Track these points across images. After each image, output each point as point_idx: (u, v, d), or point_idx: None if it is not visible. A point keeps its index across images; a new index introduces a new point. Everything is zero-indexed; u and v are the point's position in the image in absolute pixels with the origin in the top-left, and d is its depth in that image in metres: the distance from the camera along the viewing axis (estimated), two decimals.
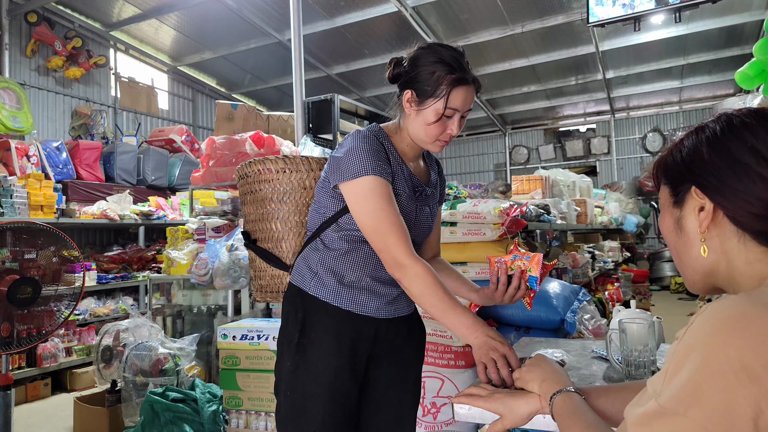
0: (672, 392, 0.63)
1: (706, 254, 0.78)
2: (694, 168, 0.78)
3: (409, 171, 1.43)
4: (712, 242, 0.77)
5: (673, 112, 10.79)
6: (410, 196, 1.41)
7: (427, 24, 7.09)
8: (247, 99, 9.74)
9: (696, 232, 0.78)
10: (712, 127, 0.79)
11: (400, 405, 1.51)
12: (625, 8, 4.88)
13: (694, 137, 0.80)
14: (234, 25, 7.16)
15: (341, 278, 1.39)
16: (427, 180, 1.51)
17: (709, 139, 0.78)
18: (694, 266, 0.81)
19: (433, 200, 1.52)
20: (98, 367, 3.59)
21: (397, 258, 1.29)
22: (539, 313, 2.40)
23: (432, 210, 1.52)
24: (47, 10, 6.59)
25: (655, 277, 9.93)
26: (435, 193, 1.54)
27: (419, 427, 2.40)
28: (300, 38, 4.37)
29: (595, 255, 5.44)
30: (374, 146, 1.36)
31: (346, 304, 1.39)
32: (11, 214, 4.39)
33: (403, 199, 1.39)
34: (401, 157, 1.43)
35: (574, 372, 1.49)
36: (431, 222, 1.52)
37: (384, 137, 1.42)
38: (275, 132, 4.71)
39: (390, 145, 1.42)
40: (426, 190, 1.47)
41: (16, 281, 2.43)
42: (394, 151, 1.42)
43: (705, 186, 0.76)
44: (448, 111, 1.33)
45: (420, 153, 1.49)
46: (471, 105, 1.39)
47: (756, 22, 7.04)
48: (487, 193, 8.91)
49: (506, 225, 2.53)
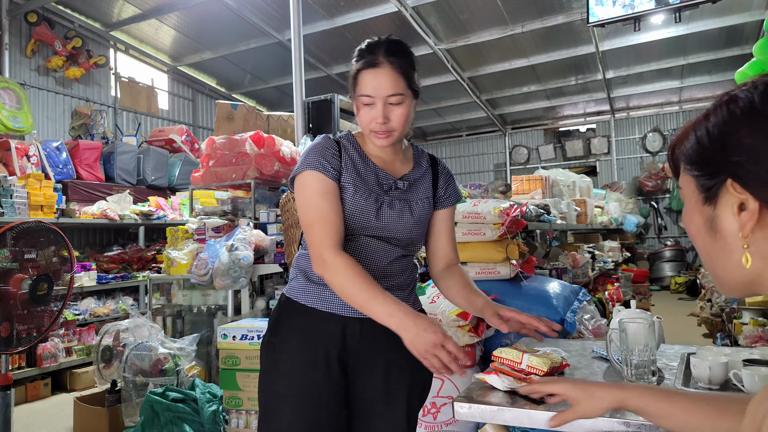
0: None
1: (749, 264, 0.61)
2: (728, 154, 0.60)
3: (375, 166, 1.41)
4: (758, 246, 0.60)
5: (673, 112, 10.79)
6: (371, 191, 1.37)
7: (427, 24, 7.09)
8: (247, 99, 9.74)
9: (736, 236, 0.61)
10: (746, 97, 0.60)
11: (390, 418, 1.39)
12: (625, 8, 4.88)
13: (723, 112, 0.61)
14: (234, 25, 7.16)
15: (308, 275, 1.39)
16: (401, 174, 1.45)
17: (745, 113, 0.59)
18: (733, 275, 0.64)
19: (415, 195, 1.44)
20: (98, 367, 3.59)
21: (320, 253, 1.28)
22: (539, 313, 2.40)
23: (419, 207, 1.44)
24: (47, 10, 6.59)
25: (655, 277, 9.93)
26: (419, 189, 1.46)
27: (419, 427, 2.40)
28: (300, 38, 4.37)
29: (595, 255, 5.44)
30: (322, 145, 1.38)
31: (313, 301, 1.37)
32: (11, 214, 4.39)
33: (358, 194, 1.35)
34: (367, 154, 1.42)
35: (575, 372, 1.49)
36: (414, 219, 1.42)
37: (349, 139, 1.44)
38: (275, 132, 4.71)
39: (355, 146, 1.42)
40: (397, 183, 1.41)
41: (37, 277, 2.43)
42: (359, 148, 1.43)
43: (745, 178, 0.59)
44: (363, 98, 1.34)
45: (394, 150, 1.45)
46: (393, 89, 1.31)
47: (756, 22, 7.04)
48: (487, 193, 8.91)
49: (506, 225, 2.53)
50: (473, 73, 8.87)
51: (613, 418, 1.14)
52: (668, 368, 1.47)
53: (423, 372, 1.39)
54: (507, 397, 1.31)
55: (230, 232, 3.60)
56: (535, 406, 1.24)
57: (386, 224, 1.38)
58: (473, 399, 1.31)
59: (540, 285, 2.56)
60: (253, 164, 3.97)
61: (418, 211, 1.44)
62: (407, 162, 1.48)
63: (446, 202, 1.53)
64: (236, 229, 3.57)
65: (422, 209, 1.45)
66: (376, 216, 1.36)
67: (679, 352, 1.59)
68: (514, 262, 2.62)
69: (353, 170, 1.38)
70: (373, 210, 1.36)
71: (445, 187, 1.52)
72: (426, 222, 1.48)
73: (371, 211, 1.36)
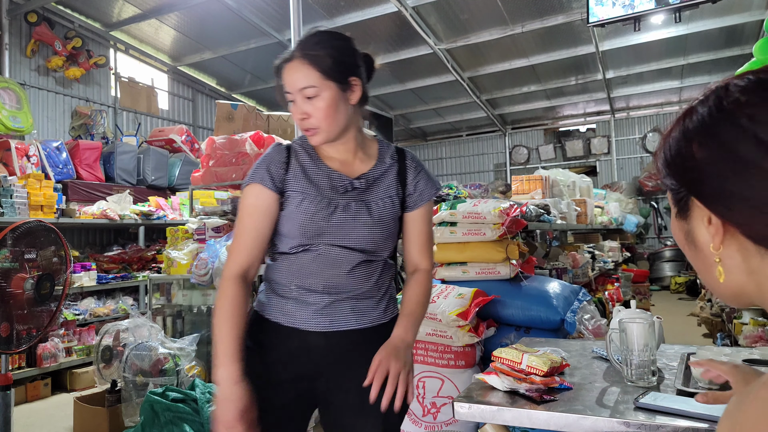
0: None
1: (722, 279, 0.59)
2: (686, 170, 0.59)
3: (327, 168, 1.34)
4: (733, 260, 0.58)
5: (673, 112, 10.78)
6: (323, 196, 1.30)
7: (427, 24, 7.09)
8: (247, 99, 9.74)
9: (710, 250, 0.60)
10: (700, 111, 0.59)
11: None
12: (625, 8, 4.88)
13: (681, 126, 0.61)
14: (234, 25, 7.16)
15: (273, 287, 1.35)
16: (359, 174, 1.35)
17: (697, 128, 0.58)
18: (718, 287, 0.62)
19: (375, 195, 1.34)
20: (98, 367, 3.59)
21: (225, 269, 1.29)
22: (539, 313, 2.40)
23: (378, 206, 1.33)
24: (47, 10, 6.59)
25: (655, 277, 9.93)
26: (380, 187, 1.35)
27: (419, 427, 2.40)
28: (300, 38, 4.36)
29: (595, 255, 5.44)
30: (270, 155, 1.35)
31: (276, 315, 1.32)
32: (11, 214, 4.39)
33: (308, 201, 1.29)
34: (320, 156, 1.36)
35: (575, 372, 1.49)
36: (373, 220, 1.31)
37: (302, 143, 1.38)
38: (275, 132, 4.71)
39: (308, 149, 1.37)
40: (353, 183, 1.33)
41: (40, 277, 2.43)
42: (312, 152, 1.36)
43: (703, 194, 0.58)
44: (286, 96, 1.31)
45: (351, 149, 1.36)
46: (302, 81, 1.25)
47: (756, 22, 7.04)
48: (487, 193, 8.92)
49: (506, 225, 2.53)
50: (473, 73, 8.87)
51: (613, 418, 1.14)
52: (668, 368, 1.47)
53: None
54: (507, 397, 1.31)
55: (230, 232, 3.60)
56: (535, 406, 1.24)
57: (341, 228, 1.29)
58: (473, 399, 1.31)
59: (540, 285, 2.56)
60: (253, 164, 3.96)
61: (378, 210, 1.32)
62: (368, 159, 1.38)
63: (418, 201, 1.39)
64: None
65: (383, 208, 1.33)
66: (328, 220, 1.28)
67: (679, 352, 1.59)
68: (514, 262, 2.62)
69: (302, 176, 1.32)
70: (325, 214, 1.28)
71: (415, 183, 1.38)
72: (391, 222, 1.35)
73: (323, 216, 1.28)
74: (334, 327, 1.29)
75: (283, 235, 1.32)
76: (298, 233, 1.29)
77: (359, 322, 1.31)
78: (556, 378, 1.34)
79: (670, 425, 1.09)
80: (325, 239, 1.29)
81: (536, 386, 1.30)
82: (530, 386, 1.30)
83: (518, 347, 1.42)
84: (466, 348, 2.34)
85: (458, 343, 2.30)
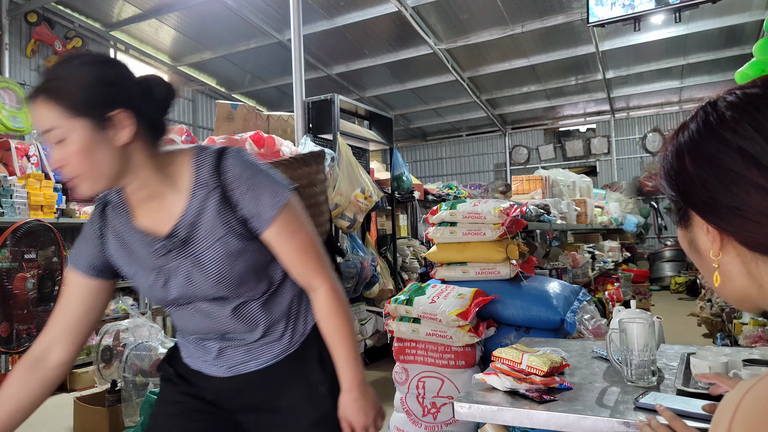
0: None
1: (718, 283, 0.63)
2: (680, 184, 0.63)
3: (137, 230, 1.11)
4: (733, 265, 0.61)
5: (673, 112, 10.79)
6: (144, 266, 1.11)
7: (427, 24, 7.09)
8: (247, 99, 9.73)
9: (710, 256, 0.63)
10: (691, 127, 0.62)
11: None
12: (625, 8, 4.88)
13: (674, 143, 0.64)
14: (234, 25, 7.16)
15: (178, 330, 1.27)
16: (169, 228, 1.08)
17: (688, 144, 0.62)
18: (723, 293, 0.65)
19: (201, 245, 1.07)
20: (98, 367, 3.59)
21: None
22: (539, 313, 2.40)
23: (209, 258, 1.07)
24: (47, 10, 6.59)
25: (655, 277, 9.93)
26: (201, 229, 1.07)
27: (419, 427, 2.40)
28: (300, 38, 4.37)
29: (595, 255, 5.45)
30: (83, 230, 1.17)
31: (184, 355, 1.25)
32: (11, 214, 4.39)
33: (135, 275, 1.13)
34: (131, 212, 1.12)
35: (575, 372, 1.49)
36: (210, 278, 1.08)
37: (119, 197, 1.14)
38: (275, 132, 4.71)
39: (124, 206, 1.13)
40: (165, 245, 1.08)
41: (43, 276, 2.44)
42: (126, 211, 1.13)
43: (697, 206, 0.62)
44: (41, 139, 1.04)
45: (151, 193, 1.09)
46: (45, 123, 0.97)
47: (756, 22, 7.04)
48: (487, 193, 8.93)
49: (506, 225, 2.53)
50: (473, 73, 8.87)
51: (613, 418, 1.14)
52: (668, 368, 1.47)
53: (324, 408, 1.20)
54: (507, 397, 1.31)
55: None
56: (535, 406, 1.24)
57: (184, 293, 1.11)
58: (473, 399, 1.31)
59: (540, 285, 2.56)
60: None
61: (212, 264, 1.07)
62: (178, 200, 1.08)
63: (261, 224, 1.08)
64: None
65: (217, 258, 1.07)
66: (167, 292, 1.10)
67: (679, 352, 1.59)
68: (514, 262, 2.62)
69: (118, 246, 1.12)
70: (159, 286, 1.10)
71: (248, 198, 1.07)
72: (238, 264, 1.09)
73: (158, 288, 1.11)
74: (234, 372, 1.18)
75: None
76: (153, 300, 1.19)
77: (259, 363, 1.18)
78: (556, 378, 1.34)
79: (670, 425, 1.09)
80: (180, 302, 1.14)
81: (536, 386, 1.30)
82: (530, 386, 1.30)
83: (518, 347, 1.42)
84: (466, 348, 2.34)
85: (458, 343, 2.30)
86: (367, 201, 4.38)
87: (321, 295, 1.14)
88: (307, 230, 1.14)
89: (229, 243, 1.08)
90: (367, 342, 4.64)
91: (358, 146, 4.99)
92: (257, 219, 1.08)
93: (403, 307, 2.37)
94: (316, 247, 1.15)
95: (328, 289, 1.14)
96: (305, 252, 1.12)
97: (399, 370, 2.43)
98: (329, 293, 1.14)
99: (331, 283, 1.15)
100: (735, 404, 0.52)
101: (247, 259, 1.10)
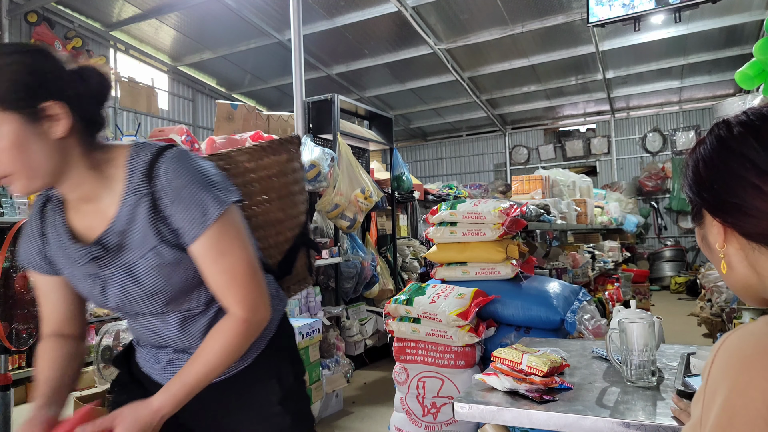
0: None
1: (725, 271, 0.75)
2: (696, 187, 0.76)
3: (69, 234, 1.05)
4: (737, 257, 0.73)
5: (673, 112, 10.79)
6: (80, 271, 1.05)
7: (427, 24, 7.09)
8: (247, 99, 9.74)
9: (717, 248, 0.75)
10: (708, 140, 0.76)
11: None
12: (625, 8, 4.88)
13: (694, 153, 0.78)
14: (234, 25, 7.16)
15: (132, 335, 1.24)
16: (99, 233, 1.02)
17: (703, 155, 0.75)
18: (729, 282, 0.77)
19: (134, 253, 1.01)
20: (98, 367, 3.59)
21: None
22: (539, 313, 2.40)
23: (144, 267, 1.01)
24: (47, 10, 6.59)
25: (655, 277, 9.93)
26: (135, 236, 1.01)
27: (419, 427, 2.40)
28: (300, 38, 4.37)
29: (595, 255, 5.45)
30: (25, 226, 1.12)
31: (139, 357, 1.23)
32: (11, 214, 4.39)
33: (74, 280, 1.08)
34: (66, 214, 1.07)
35: (575, 372, 1.50)
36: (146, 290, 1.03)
37: (59, 200, 1.09)
38: (275, 132, 4.71)
39: (60, 209, 1.08)
40: (92, 251, 1.02)
41: None
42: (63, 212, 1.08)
43: (707, 204, 0.74)
44: None
45: (84, 195, 1.02)
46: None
47: (756, 22, 7.04)
48: (487, 193, 8.93)
49: (506, 225, 2.53)
50: (473, 73, 8.87)
51: (613, 418, 1.14)
52: (668, 368, 1.47)
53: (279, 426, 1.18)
54: (507, 397, 1.31)
55: None
56: (535, 406, 1.24)
57: (123, 302, 1.06)
58: (473, 399, 1.31)
59: (540, 285, 2.56)
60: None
61: (147, 274, 1.02)
62: (111, 203, 1.02)
63: (189, 237, 1.00)
64: None
65: (149, 267, 1.01)
66: (105, 299, 1.06)
67: (679, 352, 1.59)
68: (514, 262, 2.62)
69: (58, 248, 1.07)
70: (97, 294, 1.06)
71: (173, 209, 0.99)
72: (175, 269, 1.03)
73: (97, 296, 1.06)
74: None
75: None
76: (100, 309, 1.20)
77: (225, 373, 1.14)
78: (556, 378, 1.34)
79: (670, 425, 1.09)
80: (124, 311, 1.10)
81: (536, 386, 1.30)
82: (530, 386, 1.30)
83: (518, 347, 1.42)
84: (466, 348, 2.34)
85: (458, 343, 2.30)
86: (367, 201, 4.38)
87: (229, 319, 1.05)
88: (241, 252, 1.03)
89: (162, 253, 1.01)
90: (367, 342, 4.64)
91: (358, 146, 5.00)
92: (183, 234, 1.00)
93: (403, 307, 2.37)
94: (247, 272, 1.04)
95: (240, 319, 1.04)
96: (232, 277, 1.03)
97: (399, 370, 2.43)
98: (238, 323, 1.04)
99: (247, 315, 1.04)
100: (722, 340, 0.64)
101: (185, 270, 1.03)
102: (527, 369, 1.33)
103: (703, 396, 0.62)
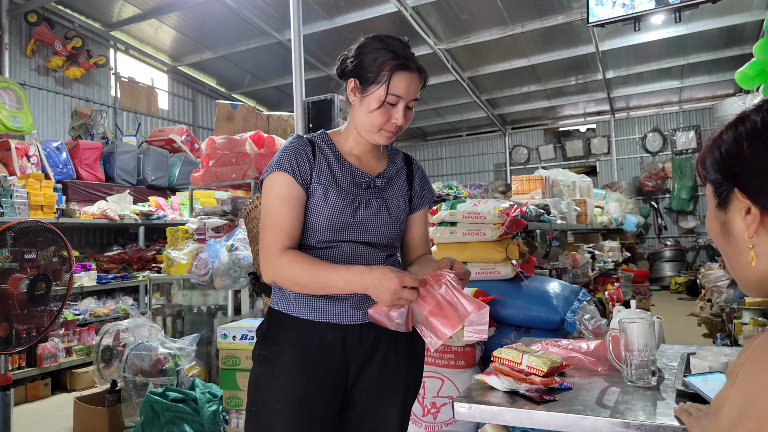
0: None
1: (755, 262, 0.69)
2: (734, 167, 0.70)
3: (350, 165, 1.38)
4: (762, 248, 0.68)
5: (673, 112, 10.79)
6: (347, 192, 1.34)
7: (427, 24, 7.09)
8: (247, 99, 9.74)
9: (744, 237, 0.69)
10: (753, 118, 0.69)
11: (384, 416, 1.39)
12: (625, 8, 4.88)
13: (733, 130, 0.71)
14: (234, 25, 7.16)
15: None
16: (377, 172, 1.43)
17: (749, 132, 0.68)
18: (746, 273, 0.72)
19: (392, 193, 1.42)
20: (98, 367, 3.59)
21: (267, 258, 1.27)
22: (539, 313, 2.41)
23: (394, 205, 1.41)
24: (47, 10, 6.59)
25: (655, 277, 9.93)
26: (394, 186, 1.43)
27: (419, 427, 2.40)
28: (300, 38, 4.36)
29: (595, 255, 5.44)
30: (295, 146, 1.35)
31: (305, 312, 1.32)
32: (11, 214, 4.39)
33: (332, 196, 1.32)
34: (341, 153, 1.40)
35: (575, 372, 1.49)
36: (391, 218, 1.39)
37: (322, 138, 1.41)
38: (275, 132, 4.71)
39: (329, 144, 1.40)
40: (375, 181, 1.38)
41: (34, 277, 2.43)
42: (334, 148, 1.40)
43: (747, 187, 0.68)
44: (391, 97, 1.29)
45: (372, 147, 1.42)
46: (416, 94, 1.32)
47: (756, 22, 7.04)
48: (487, 193, 8.92)
49: (506, 225, 2.53)
50: (473, 73, 8.87)
51: (612, 418, 1.14)
52: (668, 368, 1.47)
53: (417, 369, 1.47)
54: (507, 397, 1.31)
55: (230, 232, 3.60)
56: (535, 406, 1.24)
57: (364, 224, 1.35)
58: (473, 399, 1.31)
59: (540, 285, 2.56)
60: (253, 164, 3.97)
61: (395, 209, 1.41)
62: (382, 159, 1.46)
63: (421, 203, 1.51)
64: (236, 229, 3.57)
65: (398, 207, 1.42)
66: (353, 216, 1.33)
67: (679, 352, 1.59)
68: (514, 262, 2.62)
69: (328, 172, 1.35)
70: (350, 210, 1.33)
71: (420, 186, 1.50)
72: (403, 220, 1.44)
73: (348, 212, 1.33)
74: (367, 319, 1.30)
75: (309, 229, 1.33)
76: (324, 227, 1.31)
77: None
78: (556, 378, 1.34)
79: (670, 425, 1.09)
80: (348, 236, 1.33)
81: (536, 386, 1.30)
82: (530, 386, 1.30)
83: (518, 347, 1.42)
84: (466, 348, 2.34)
85: (458, 343, 2.30)
86: None
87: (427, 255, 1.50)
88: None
89: (405, 203, 1.45)
90: None
91: None
92: (417, 201, 1.49)
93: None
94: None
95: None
96: (428, 236, 1.56)
97: None
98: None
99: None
100: (751, 342, 0.61)
101: (404, 222, 1.45)
102: (527, 369, 1.33)
103: (732, 397, 0.59)
